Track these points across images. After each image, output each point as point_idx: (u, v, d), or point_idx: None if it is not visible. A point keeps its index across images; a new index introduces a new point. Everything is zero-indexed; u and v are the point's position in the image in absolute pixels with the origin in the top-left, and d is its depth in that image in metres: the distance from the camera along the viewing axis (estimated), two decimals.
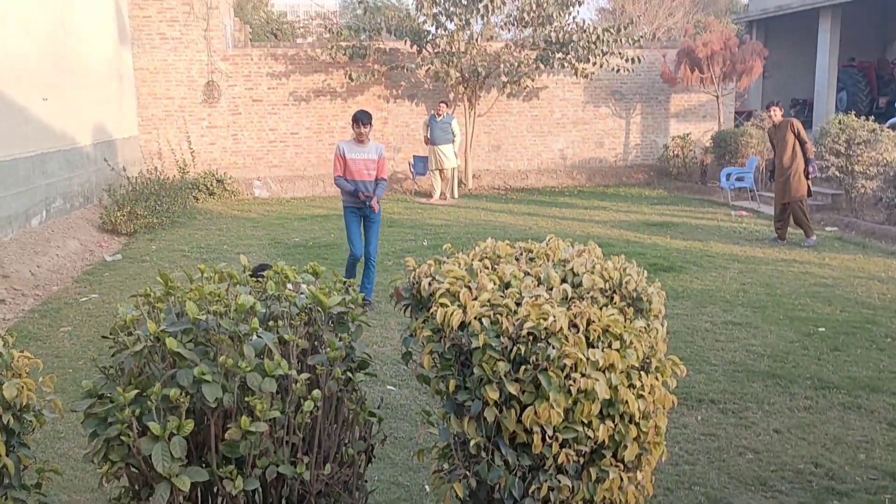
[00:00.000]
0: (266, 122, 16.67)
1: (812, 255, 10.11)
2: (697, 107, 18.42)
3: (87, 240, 11.13)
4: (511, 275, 3.29)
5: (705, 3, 34.80)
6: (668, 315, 4.52)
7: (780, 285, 8.55)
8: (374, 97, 17.01)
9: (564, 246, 3.67)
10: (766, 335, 6.84)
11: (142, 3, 15.59)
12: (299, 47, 17.35)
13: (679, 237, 11.40)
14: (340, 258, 10.09)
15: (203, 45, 15.97)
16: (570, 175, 17.84)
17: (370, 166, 7.75)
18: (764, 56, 17.03)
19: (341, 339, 3.25)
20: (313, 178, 16.81)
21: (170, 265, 9.75)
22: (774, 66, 22.38)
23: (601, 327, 2.98)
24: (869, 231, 11.53)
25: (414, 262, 3.54)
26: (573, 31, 15.30)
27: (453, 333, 3.04)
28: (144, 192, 12.77)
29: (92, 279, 9.28)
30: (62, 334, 7.14)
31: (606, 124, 18.17)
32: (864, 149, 12.20)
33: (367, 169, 7.74)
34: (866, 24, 22.47)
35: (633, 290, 3.27)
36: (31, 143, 10.58)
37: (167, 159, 15.91)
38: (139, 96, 15.91)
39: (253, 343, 2.97)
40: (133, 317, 3.11)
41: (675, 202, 15.15)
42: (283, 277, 3.44)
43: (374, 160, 7.75)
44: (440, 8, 15.24)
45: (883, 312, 7.45)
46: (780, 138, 10.74)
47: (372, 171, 7.76)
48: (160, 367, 2.95)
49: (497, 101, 17.01)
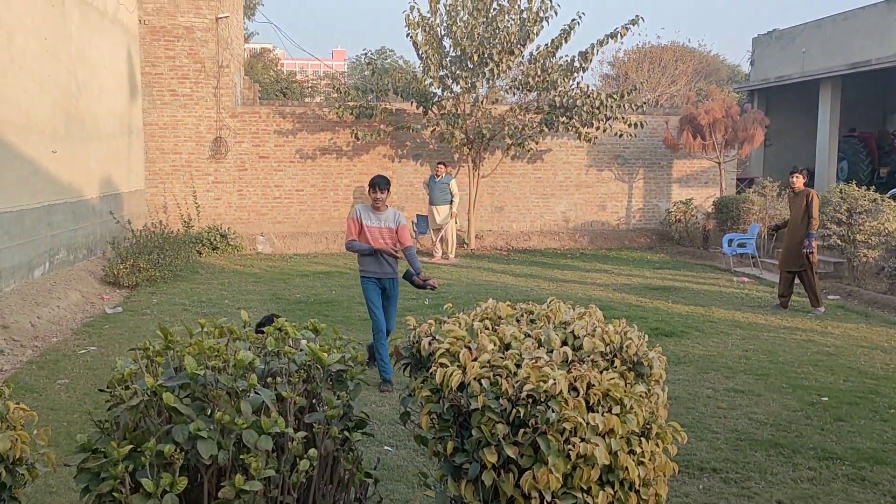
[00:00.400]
0: (272, 179, 16.83)
1: (814, 324, 10.07)
2: (699, 173, 18.59)
3: (88, 292, 11.13)
4: (511, 336, 3.29)
5: (707, 72, 35.45)
6: (669, 380, 4.48)
7: (782, 353, 8.49)
8: (379, 156, 17.20)
9: (565, 308, 3.67)
10: (768, 403, 6.76)
11: (154, 61, 15.90)
12: (307, 106, 17.62)
13: (681, 302, 11.38)
14: (342, 315, 10.07)
15: (212, 102, 16.23)
16: (572, 237, 17.91)
17: (387, 236, 7.19)
18: (765, 124, 17.26)
19: (339, 398, 3.23)
20: (317, 234, 16.90)
21: (170, 319, 9.73)
22: (776, 135, 22.68)
23: (601, 391, 2.96)
24: (871, 300, 11.51)
25: (415, 321, 3.53)
26: (577, 95, 15.55)
27: (452, 394, 3.02)
28: (148, 246, 12.84)
29: (91, 331, 9.25)
30: (59, 387, 7.08)
31: (609, 188, 18.32)
32: (866, 218, 12.26)
33: (384, 238, 7.18)
34: (866, 95, 22.86)
35: (633, 355, 3.26)
36: (38, 194, 10.68)
37: (172, 213, 16.04)
38: (147, 150, 16.11)
39: (250, 399, 2.95)
40: (131, 370, 3.09)
41: (677, 267, 15.16)
42: (283, 334, 3.43)
43: (392, 229, 7.20)
44: (446, 71, 15.52)
45: (886, 383, 7.38)
46: (796, 205, 10.82)
47: (389, 240, 7.22)
48: (156, 422, 2.92)
49: (501, 162, 17.19)
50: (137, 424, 2.94)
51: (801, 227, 10.63)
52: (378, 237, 7.17)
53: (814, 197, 10.65)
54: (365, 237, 7.17)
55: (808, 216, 10.56)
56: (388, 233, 7.21)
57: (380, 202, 7.17)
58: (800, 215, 10.67)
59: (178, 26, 15.85)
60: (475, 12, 15.14)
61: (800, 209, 10.69)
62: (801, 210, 10.67)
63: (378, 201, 7.15)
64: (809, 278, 10.68)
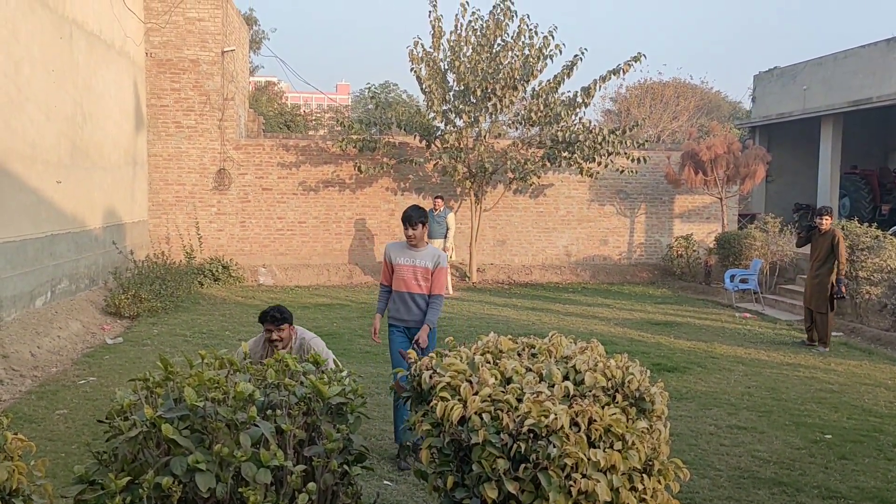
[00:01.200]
0: (274, 211, 16.89)
1: (818, 360, 10.03)
2: (701, 208, 18.64)
3: (89, 322, 11.12)
4: (513, 370, 3.27)
5: (709, 108, 35.72)
6: (671, 416, 4.45)
7: (785, 390, 8.44)
8: (382, 189, 17.28)
9: (567, 342, 3.66)
10: (771, 441, 6.71)
11: (160, 93, 16.05)
12: (311, 139, 17.74)
13: (683, 337, 11.34)
14: (342, 347, 10.04)
15: (217, 134, 16.35)
16: (574, 271, 17.90)
17: (421, 276, 6.25)
18: (767, 161, 17.34)
19: (339, 431, 3.21)
20: (319, 266, 16.91)
21: (171, 350, 9.70)
22: (777, 171, 22.79)
23: (603, 427, 2.94)
24: (874, 337, 11.47)
25: (415, 354, 3.52)
26: (579, 131, 15.63)
27: (453, 428, 3.00)
28: (150, 276, 12.85)
29: (92, 362, 9.23)
30: (57, 417, 7.05)
31: (611, 222, 18.36)
32: (868, 255, 12.27)
33: (418, 279, 6.24)
34: (868, 133, 22.99)
35: (636, 390, 3.24)
36: (41, 224, 10.71)
37: (175, 244, 16.07)
38: (151, 181, 16.19)
39: (250, 432, 2.94)
40: (130, 401, 3.08)
41: (679, 302, 15.14)
42: (284, 366, 3.42)
43: (429, 269, 6.25)
44: (450, 105, 15.64)
45: (890, 421, 7.33)
46: (821, 245, 10.85)
47: (424, 282, 6.25)
48: (154, 454, 2.90)
49: (503, 196, 17.25)
50: (136, 456, 2.92)
51: (825, 267, 10.68)
52: (410, 278, 6.24)
53: (840, 239, 10.67)
54: (396, 278, 6.31)
55: (836, 258, 10.61)
56: (422, 273, 6.25)
57: (415, 240, 6.27)
58: (824, 255, 10.72)
59: (184, 59, 16.02)
60: (479, 48, 15.30)
61: (824, 249, 10.72)
62: (825, 251, 10.71)
63: (413, 238, 6.27)
64: (826, 320, 10.70)
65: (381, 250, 17.26)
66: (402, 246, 6.38)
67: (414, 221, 6.24)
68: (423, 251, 6.30)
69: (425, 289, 6.25)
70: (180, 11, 15.86)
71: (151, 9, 15.72)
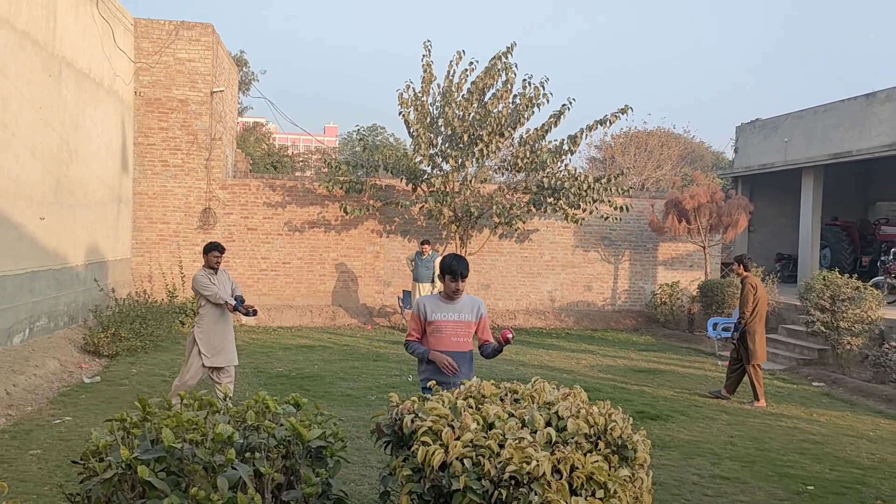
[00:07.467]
0: (259, 251, 16.84)
1: (800, 411, 10.02)
2: (685, 256, 18.77)
3: (67, 360, 10.96)
4: (495, 415, 3.25)
5: (692, 157, 36.19)
6: (653, 465, 4.42)
7: (768, 440, 8.42)
8: (367, 231, 17.30)
9: (550, 388, 3.64)
10: (754, 491, 6.67)
11: (147, 132, 16.08)
12: (298, 180, 17.79)
13: (666, 385, 11.32)
14: (323, 390, 9.94)
15: (203, 174, 16.36)
16: (558, 317, 17.91)
17: (463, 332, 5.48)
18: (749, 210, 17.54)
19: (318, 475, 3.16)
20: (302, 307, 16.82)
21: (149, 390, 9.56)
22: (760, 221, 23.05)
23: (585, 474, 2.91)
24: (856, 388, 11.49)
25: (397, 398, 3.49)
26: (565, 178, 15.76)
27: (434, 474, 2.96)
28: (130, 315, 12.71)
29: (68, 401, 9.07)
30: (30, 458, 6.90)
31: (595, 269, 18.43)
32: (849, 305, 12.34)
33: (459, 336, 5.46)
34: (848, 185, 23.36)
35: (618, 437, 3.22)
36: (22, 260, 10.62)
37: (157, 282, 15.96)
38: (136, 219, 16.14)
39: (227, 475, 2.88)
40: (106, 442, 3.03)
41: (662, 349, 15.14)
42: (264, 408, 3.38)
43: (472, 322, 5.52)
44: (437, 149, 15.76)
45: (873, 473, 7.31)
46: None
47: (466, 338, 5.50)
48: (129, 497, 2.84)
49: (488, 240, 17.31)
50: (110, 499, 2.86)
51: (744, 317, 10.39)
52: (451, 335, 5.43)
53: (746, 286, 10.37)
54: (435, 338, 5.44)
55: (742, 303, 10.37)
56: (465, 328, 5.49)
57: (459, 294, 5.50)
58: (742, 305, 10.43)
59: (172, 99, 16.09)
60: (468, 95, 15.47)
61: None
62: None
63: (458, 294, 5.48)
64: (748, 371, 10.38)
65: (365, 292, 17.23)
66: (436, 299, 5.57)
67: (464, 273, 5.45)
68: (461, 301, 5.52)
69: (467, 345, 5.50)
70: (171, 52, 15.98)
71: (142, 49, 15.83)
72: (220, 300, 8.30)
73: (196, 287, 8.34)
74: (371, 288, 17.37)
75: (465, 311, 5.46)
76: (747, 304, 10.27)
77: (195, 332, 8.33)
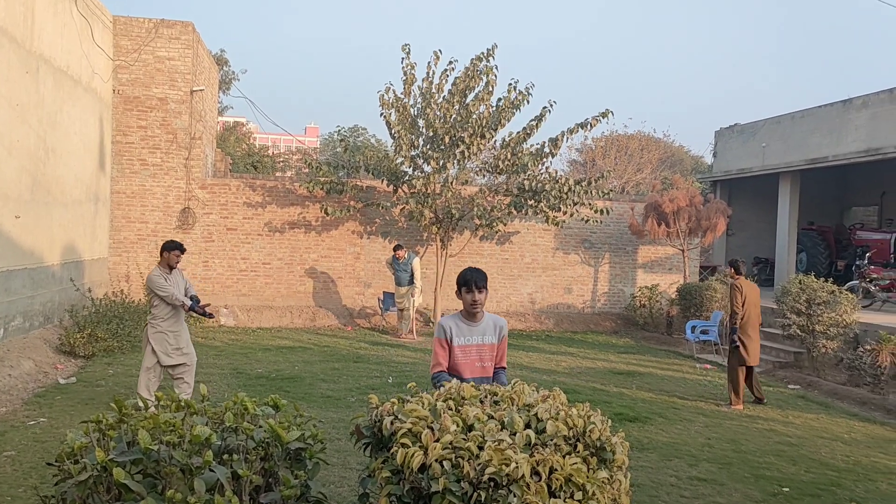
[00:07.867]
0: (238, 251, 16.75)
1: (776, 413, 10.11)
2: (664, 259, 18.88)
3: (42, 361, 10.84)
4: (475, 417, 3.25)
5: (672, 161, 36.44)
6: (632, 467, 4.44)
7: (745, 442, 8.48)
8: (348, 232, 17.26)
9: (529, 390, 3.65)
10: (731, 493, 6.72)
11: (126, 130, 15.94)
12: (278, 180, 17.71)
13: (645, 387, 11.38)
14: (303, 392, 9.90)
15: (182, 173, 16.24)
16: (538, 319, 17.95)
17: (488, 357, 5.05)
18: (727, 214, 17.69)
19: (297, 477, 3.15)
20: (281, 308, 16.75)
21: (126, 391, 9.48)
22: (738, 225, 23.23)
23: (564, 476, 2.92)
24: (831, 391, 11.61)
25: (377, 400, 3.48)
26: (546, 180, 15.80)
27: (413, 475, 2.96)
28: (107, 315, 12.59)
29: (42, 402, 8.97)
30: (4, 459, 6.82)
31: (575, 271, 18.50)
32: (824, 309, 12.47)
33: (483, 360, 5.03)
34: (824, 190, 23.64)
35: (597, 439, 3.23)
36: None
37: (135, 282, 15.82)
38: (113, 219, 15.99)
39: (204, 477, 2.86)
40: (81, 444, 2.99)
41: (641, 352, 15.22)
42: (242, 409, 3.36)
43: (494, 345, 5.11)
44: (418, 151, 15.74)
45: (847, 475, 7.39)
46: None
47: (491, 361, 5.07)
48: (104, 499, 2.81)
49: (469, 242, 17.32)
50: (85, 501, 2.83)
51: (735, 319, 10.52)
52: (475, 360, 5.00)
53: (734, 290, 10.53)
54: (455, 363, 4.97)
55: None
56: (488, 351, 5.07)
57: (478, 307, 5.04)
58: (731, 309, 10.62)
59: (151, 97, 15.97)
60: (450, 96, 15.46)
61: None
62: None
63: (476, 305, 5.01)
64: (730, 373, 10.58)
65: (345, 293, 17.18)
66: (457, 319, 5.11)
67: (480, 285, 5.03)
68: (482, 322, 5.10)
69: (490, 370, 5.07)
70: (150, 50, 15.86)
71: (121, 46, 15.69)
72: (177, 301, 8.27)
73: (151, 287, 8.29)
74: (351, 289, 17.33)
75: (488, 332, 5.07)
76: (735, 305, 10.42)
77: (148, 333, 8.30)
